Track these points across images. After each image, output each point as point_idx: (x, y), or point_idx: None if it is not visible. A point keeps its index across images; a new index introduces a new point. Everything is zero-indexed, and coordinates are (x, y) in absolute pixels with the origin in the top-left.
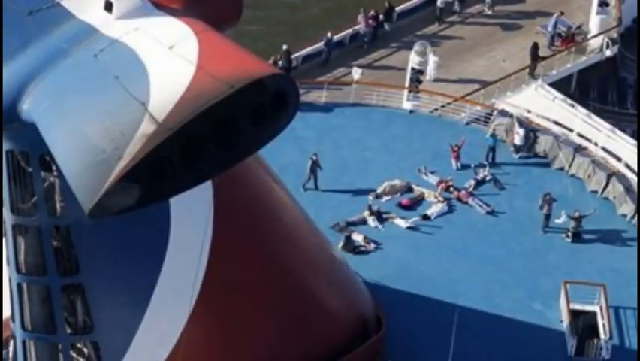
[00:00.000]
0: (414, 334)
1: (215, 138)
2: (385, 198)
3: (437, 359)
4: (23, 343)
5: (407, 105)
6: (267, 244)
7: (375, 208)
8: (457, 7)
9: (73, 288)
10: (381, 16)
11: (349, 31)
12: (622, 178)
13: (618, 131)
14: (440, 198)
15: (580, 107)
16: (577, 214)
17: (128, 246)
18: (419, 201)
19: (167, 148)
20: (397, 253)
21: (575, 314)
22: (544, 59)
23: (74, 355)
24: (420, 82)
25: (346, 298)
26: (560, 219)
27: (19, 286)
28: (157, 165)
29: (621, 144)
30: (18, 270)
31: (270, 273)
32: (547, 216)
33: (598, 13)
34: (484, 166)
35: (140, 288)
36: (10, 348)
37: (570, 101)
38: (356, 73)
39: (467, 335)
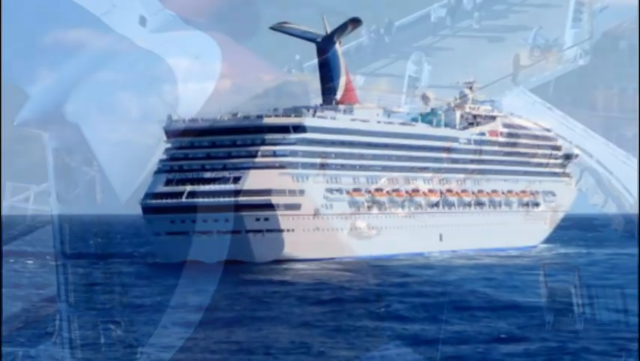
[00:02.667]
0: (411, 307)
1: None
2: (386, 190)
3: (431, 332)
4: (67, 316)
5: (405, 108)
6: None
7: (377, 199)
8: (448, 22)
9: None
10: (382, 30)
11: (354, 43)
12: (593, 172)
13: (590, 131)
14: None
15: (556, 110)
16: None
17: None
18: (415, 193)
19: (194, 146)
20: (396, 238)
21: (553, 291)
22: (525, 67)
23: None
24: (416, 87)
25: None
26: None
27: (64, 266)
28: (184, 161)
29: (592, 142)
30: (63, 253)
31: None
32: None
33: (572, 27)
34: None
35: None
36: (57, 321)
37: (548, 105)
38: (360, 79)
39: (457, 310)
